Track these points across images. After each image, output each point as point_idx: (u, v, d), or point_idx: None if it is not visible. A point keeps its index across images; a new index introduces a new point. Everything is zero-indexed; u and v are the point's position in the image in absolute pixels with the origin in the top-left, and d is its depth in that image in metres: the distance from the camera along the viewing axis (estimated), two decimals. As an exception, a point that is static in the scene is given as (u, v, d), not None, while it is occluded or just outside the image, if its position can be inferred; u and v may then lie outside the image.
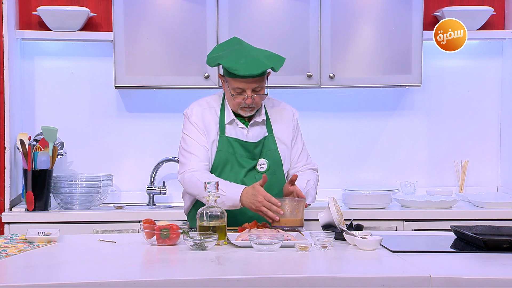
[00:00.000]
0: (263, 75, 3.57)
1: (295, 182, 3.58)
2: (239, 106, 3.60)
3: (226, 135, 3.65)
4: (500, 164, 5.15)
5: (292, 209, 3.43)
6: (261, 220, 3.53)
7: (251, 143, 3.65)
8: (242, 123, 3.67)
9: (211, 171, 3.65)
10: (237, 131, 3.66)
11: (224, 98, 3.71)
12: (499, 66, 5.11)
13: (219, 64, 3.59)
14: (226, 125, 3.66)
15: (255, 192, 3.43)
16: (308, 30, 4.69)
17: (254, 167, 3.67)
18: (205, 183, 3.24)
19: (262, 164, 3.67)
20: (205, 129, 3.65)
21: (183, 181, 3.61)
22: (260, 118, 3.69)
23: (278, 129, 3.73)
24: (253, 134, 3.67)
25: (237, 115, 3.67)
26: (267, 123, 3.71)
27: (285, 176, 3.76)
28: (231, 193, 3.47)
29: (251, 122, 3.67)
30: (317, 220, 3.41)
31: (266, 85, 3.62)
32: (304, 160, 3.81)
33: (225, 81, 3.61)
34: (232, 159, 3.64)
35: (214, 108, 3.70)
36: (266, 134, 3.70)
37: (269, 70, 3.63)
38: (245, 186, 3.50)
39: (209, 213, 3.20)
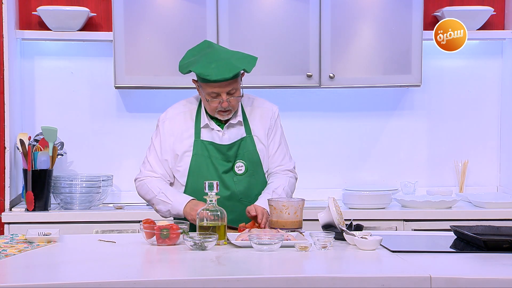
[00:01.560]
0: (236, 78, 3.54)
1: (261, 198, 3.61)
2: (215, 110, 3.59)
3: (201, 138, 3.65)
4: (500, 164, 5.15)
5: (291, 211, 3.43)
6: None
7: (225, 145, 3.64)
8: (218, 125, 3.66)
9: (188, 175, 3.65)
10: (212, 134, 3.65)
11: (200, 102, 3.70)
12: (499, 66, 5.11)
13: (191, 71, 3.57)
14: (201, 128, 3.66)
15: (194, 206, 3.48)
16: (308, 30, 4.69)
17: (231, 169, 3.66)
18: (205, 183, 3.25)
19: (240, 167, 3.66)
20: (176, 138, 3.66)
21: (136, 188, 3.77)
22: (236, 119, 3.66)
23: (256, 128, 3.70)
24: (229, 136, 3.66)
25: (213, 118, 3.67)
26: (245, 123, 3.69)
27: (266, 175, 3.75)
28: (176, 204, 3.55)
29: (226, 124, 3.66)
30: (317, 220, 3.41)
31: (241, 86, 3.59)
32: (278, 160, 3.74)
33: (200, 86, 3.60)
34: (207, 162, 3.63)
35: (190, 112, 3.69)
36: (244, 135, 3.68)
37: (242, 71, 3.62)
38: (192, 198, 3.55)
39: (209, 213, 3.20)
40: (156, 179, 3.67)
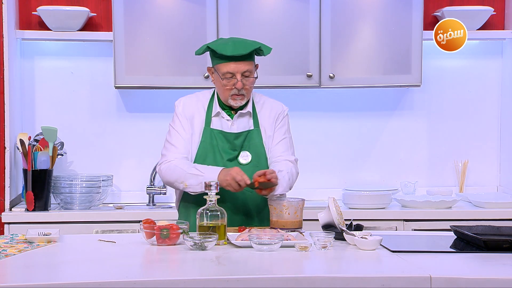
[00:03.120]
0: (251, 59, 3.60)
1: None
2: (230, 93, 3.62)
3: (211, 127, 3.68)
4: (500, 164, 5.15)
5: (291, 211, 3.43)
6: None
7: (232, 133, 3.68)
8: (228, 115, 3.69)
9: (194, 162, 3.67)
10: (222, 123, 3.70)
11: (213, 93, 3.74)
12: (499, 66, 5.11)
13: (207, 49, 3.62)
14: (212, 117, 3.70)
15: (230, 170, 3.48)
16: (308, 30, 4.69)
17: (236, 158, 3.68)
18: (205, 183, 3.26)
19: (245, 156, 3.69)
20: (189, 121, 3.71)
21: (160, 171, 3.69)
22: (246, 110, 3.70)
23: (265, 123, 3.74)
24: (238, 126, 3.70)
25: (224, 108, 3.69)
26: (254, 116, 3.72)
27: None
28: (208, 174, 3.51)
29: (236, 114, 3.69)
30: (317, 220, 3.41)
31: (255, 72, 3.63)
32: (280, 151, 3.73)
33: (215, 71, 3.64)
34: (215, 150, 3.67)
35: (202, 102, 3.75)
36: (252, 127, 3.71)
37: (257, 63, 3.65)
38: (223, 168, 3.54)
39: (209, 213, 3.21)
40: (183, 159, 3.65)
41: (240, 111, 3.69)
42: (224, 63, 3.59)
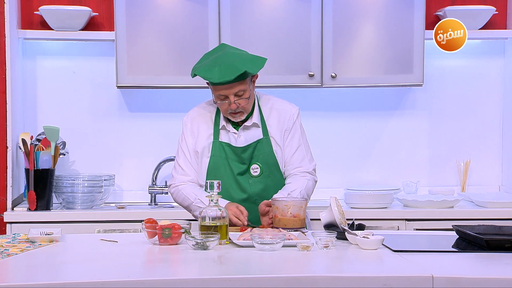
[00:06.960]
0: (242, 79, 3.54)
1: (275, 196, 3.61)
2: (227, 112, 3.60)
3: (219, 140, 3.66)
4: (502, 164, 5.15)
5: (294, 211, 3.43)
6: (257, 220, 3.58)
7: (239, 147, 3.66)
8: (234, 127, 3.67)
9: (207, 176, 3.67)
10: (229, 135, 3.68)
11: None
12: (501, 66, 5.11)
13: (196, 75, 3.60)
14: (220, 130, 3.68)
15: (230, 206, 3.51)
16: (310, 29, 4.69)
17: (247, 171, 3.67)
18: (206, 182, 3.26)
19: (255, 169, 3.67)
20: (197, 138, 3.70)
21: (171, 194, 3.78)
22: (251, 121, 3.67)
23: (274, 130, 3.70)
24: (245, 138, 3.67)
25: (230, 120, 3.68)
26: (262, 125, 3.70)
27: (284, 177, 3.75)
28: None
29: (241, 126, 3.67)
30: (319, 219, 3.41)
31: (250, 88, 3.59)
32: (297, 162, 3.73)
33: (211, 88, 3.63)
34: (225, 164, 3.66)
35: (210, 113, 3.72)
36: (261, 137, 3.69)
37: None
38: (227, 202, 3.56)
39: (211, 213, 3.20)
40: (191, 185, 3.69)
41: (244, 123, 3.67)
42: (215, 86, 3.56)
